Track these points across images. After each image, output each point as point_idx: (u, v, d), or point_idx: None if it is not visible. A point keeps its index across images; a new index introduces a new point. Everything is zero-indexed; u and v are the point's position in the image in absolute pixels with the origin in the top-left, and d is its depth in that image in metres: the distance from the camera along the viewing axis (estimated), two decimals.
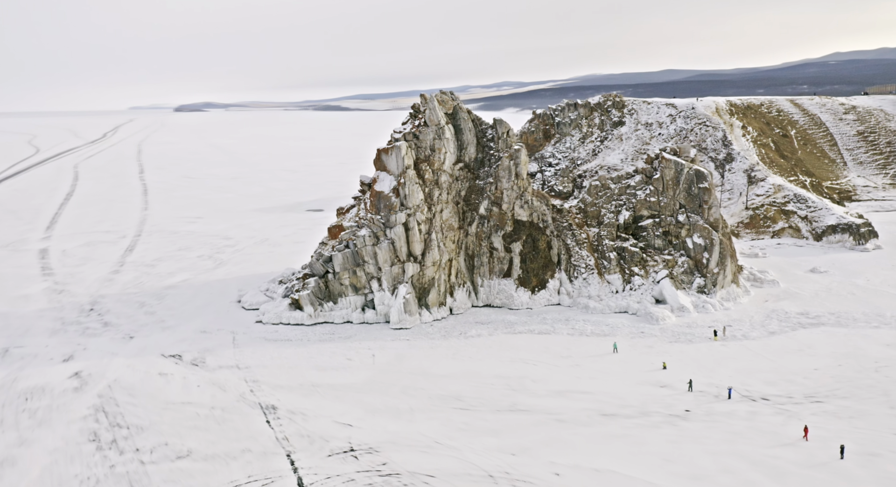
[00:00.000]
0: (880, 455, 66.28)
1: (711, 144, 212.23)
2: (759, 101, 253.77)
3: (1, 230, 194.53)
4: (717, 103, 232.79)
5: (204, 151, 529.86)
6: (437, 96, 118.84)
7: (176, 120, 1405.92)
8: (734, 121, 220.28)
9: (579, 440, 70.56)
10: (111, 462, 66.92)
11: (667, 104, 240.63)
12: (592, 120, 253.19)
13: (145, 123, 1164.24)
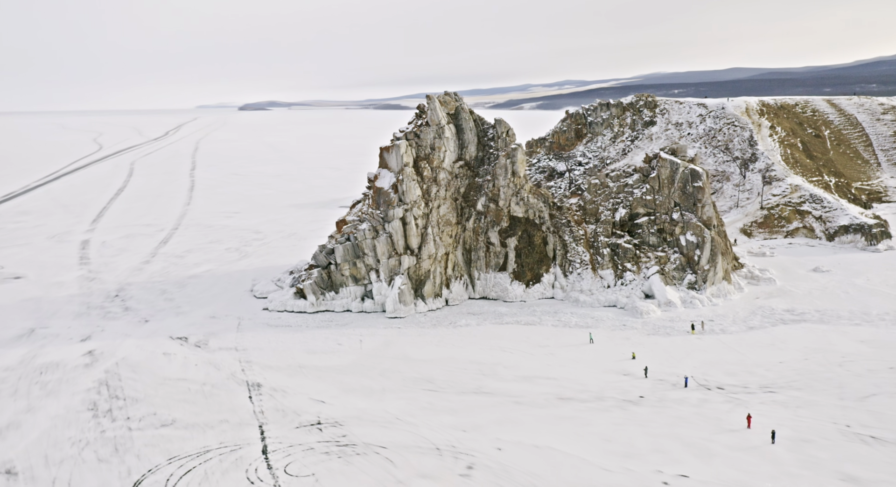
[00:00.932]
0: (812, 442, 69.58)
1: (738, 144, 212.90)
2: (794, 101, 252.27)
3: (50, 223, 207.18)
4: (749, 103, 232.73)
5: (257, 148, 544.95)
6: (440, 97, 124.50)
7: (238, 118, 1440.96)
8: (763, 121, 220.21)
9: (530, 420, 75.50)
10: (103, 428, 74.51)
11: (698, 104, 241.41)
12: (624, 120, 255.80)
13: (208, 122, 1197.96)
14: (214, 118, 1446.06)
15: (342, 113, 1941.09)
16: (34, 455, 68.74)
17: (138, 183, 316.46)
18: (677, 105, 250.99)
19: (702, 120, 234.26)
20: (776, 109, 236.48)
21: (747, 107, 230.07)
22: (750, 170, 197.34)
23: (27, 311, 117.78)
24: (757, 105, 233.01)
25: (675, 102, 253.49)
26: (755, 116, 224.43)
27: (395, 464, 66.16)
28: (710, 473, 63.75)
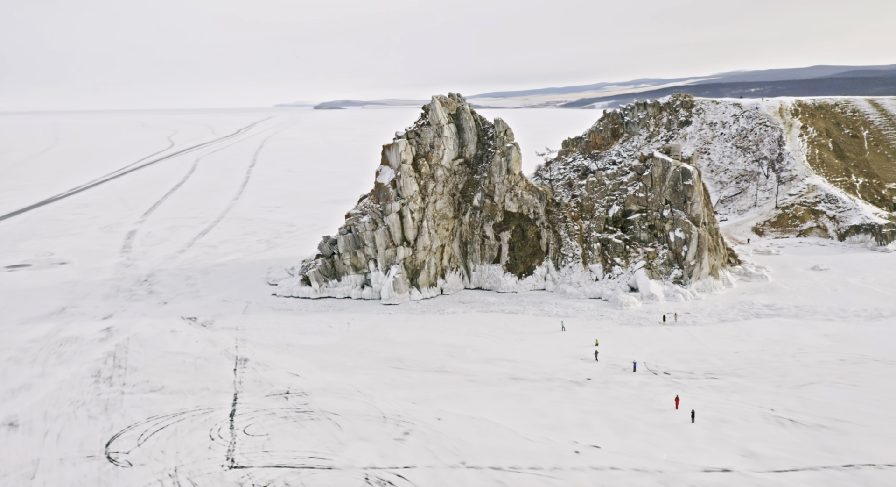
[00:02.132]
0: (729, 422, 74.61)
1: (768, 143, 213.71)
2: (835, 101, 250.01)
3: (105, 215, 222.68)
4: (783, 103, 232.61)
5: (318, 146, 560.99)
6: (441, 98, 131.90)
7: (311, 117, 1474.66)
8: (795, 121, 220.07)
9: (477, 396, 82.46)
10: (100, 391, 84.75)
11: (734, 104, 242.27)
12: (660, 119, 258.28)
13: (280, 121, 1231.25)
14: (288, 117, 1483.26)
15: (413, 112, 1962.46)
16: (36, 411, 79.26)
17: (197, 179, 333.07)
18: (713, 105, 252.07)
19: (735, 120, 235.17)
20: (813, 109, 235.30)
21: (781, 107, 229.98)
22: (775, 170, 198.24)
23: (63, 292, 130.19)
24: (792, 105, 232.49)
25: (712, 101, 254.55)
26: (788, 116, 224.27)
27: (342, 428, 74.15)
28: (621, 445, 69.68)
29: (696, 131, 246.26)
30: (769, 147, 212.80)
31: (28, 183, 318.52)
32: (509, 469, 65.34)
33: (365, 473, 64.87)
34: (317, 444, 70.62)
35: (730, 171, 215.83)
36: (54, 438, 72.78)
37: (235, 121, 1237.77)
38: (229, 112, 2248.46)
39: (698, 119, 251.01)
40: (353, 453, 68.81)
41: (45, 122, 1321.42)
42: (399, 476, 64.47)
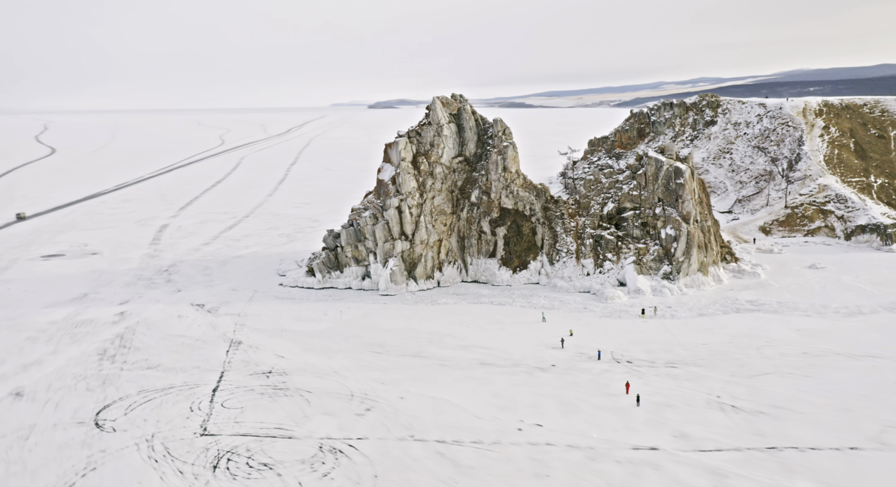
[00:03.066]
0: (673, 407, 78.90)
1: (789, 143, 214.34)
2: (863, 101, 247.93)
3: (143, 209, 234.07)
4: (808, 103, 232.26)
5: (362, 145, 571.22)
6: (442, 99, 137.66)
7: (363, 116, 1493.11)
8: (817, 121, 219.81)
9: (443, 379, 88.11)
10: (101, 368, 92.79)
11: (759, 104, 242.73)
12: (686, 119, 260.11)
13: (332, 120, 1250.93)
14: (341, 116, 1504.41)
15: None
16: (41, 383, 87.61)
17: (237, 176, 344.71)
18: (739, 105, 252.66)
19: (759, 120, 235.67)
20: (839, 109, 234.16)
21: (805, 107, 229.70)
22: (789, 170, 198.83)
23: (89, 280, 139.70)
24: (817, 105, 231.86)
25: (738, 101, 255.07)
26: (811, 116, 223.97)
27: (311, 404, 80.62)
28: (563, 424, 74.64)
29: (720, 131, 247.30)
30: (789, 147, 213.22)
31: (79, 179, 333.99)
32: (452, 443, 70.90)
33: (320, 442, 71.13)
34: (284, 417, 77.15)
35: (750, 171, 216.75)
36: (53, 406, 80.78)
37: (288, 120, 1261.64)
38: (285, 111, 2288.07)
39: (724, 119, 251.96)
40: (315, 425, 75.12)
41: (107, 121, 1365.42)
42: (350, 445, 70.56)
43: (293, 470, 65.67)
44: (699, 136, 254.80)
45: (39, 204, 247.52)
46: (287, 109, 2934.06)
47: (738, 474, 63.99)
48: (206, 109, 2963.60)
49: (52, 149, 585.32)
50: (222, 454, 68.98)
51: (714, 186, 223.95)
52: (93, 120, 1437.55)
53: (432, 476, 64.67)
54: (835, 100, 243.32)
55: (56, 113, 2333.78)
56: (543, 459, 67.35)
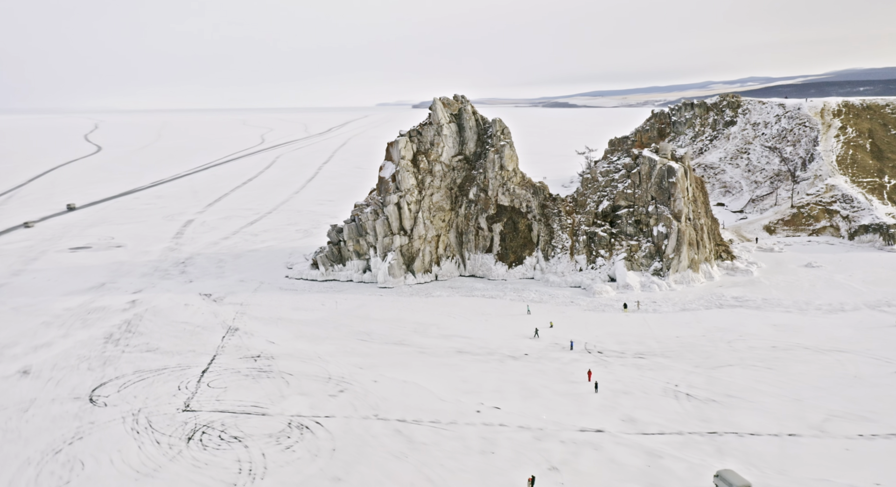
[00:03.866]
0: (629, 394, 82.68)
1: (805, 144, 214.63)
2: (886, 101, 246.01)
3: (173, 205, 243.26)
4: (827, 104, 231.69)
5: None
6: (443, 100, 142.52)
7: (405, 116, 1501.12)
8: (835, 122, 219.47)
9: (419, 365, 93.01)
10: (105, 349, 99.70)
11: (779, 104, 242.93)
12: (707, 119, 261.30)
13: (375, 119, 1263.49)
14: (384, 116, 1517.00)
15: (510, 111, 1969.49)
16: (48, 363, 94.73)
17: (270, 174, 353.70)
18: (759, 105, 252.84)
19: (777, 120, 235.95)
20: (859, 109, 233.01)
21: (824, 107, 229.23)
22: (805, 170, 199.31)
23: (109, 271, 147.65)
24: (836, 106, 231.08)
25: (759, 102, 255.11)
26: (828, 116, 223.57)
27: (289, 385, 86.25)
28: (520, 408, 79.04)
29: (739, 131, 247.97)
30: (805, 147, 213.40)
31: (118, 176, 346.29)
32: (412, 422, 75.82)
33: (290, 419, 76.64)
34: (262, 396, 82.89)
35: (766, 171, 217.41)
36: (54, 384, 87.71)
37: (331, 120, 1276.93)
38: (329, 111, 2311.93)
39: (743, 119, 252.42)
40: (289, 404, 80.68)
41: (155, 120, 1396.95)
42: (317, 422, 75.94)
43: (259, 443, 71.23)
44: (718, 136, 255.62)
45: (76, 200, 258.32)
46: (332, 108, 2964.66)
47: (672, 455, 67.75)
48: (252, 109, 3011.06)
49: (98, 147, 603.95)
50: (199, 427, 74.84)
51: (730, 185, 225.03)
52: (141, 119, 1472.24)
53: (386, 450, 69.65)
54: (856, 100, 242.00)
55: (108, 112, 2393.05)
56: (493, 438, 71.86)
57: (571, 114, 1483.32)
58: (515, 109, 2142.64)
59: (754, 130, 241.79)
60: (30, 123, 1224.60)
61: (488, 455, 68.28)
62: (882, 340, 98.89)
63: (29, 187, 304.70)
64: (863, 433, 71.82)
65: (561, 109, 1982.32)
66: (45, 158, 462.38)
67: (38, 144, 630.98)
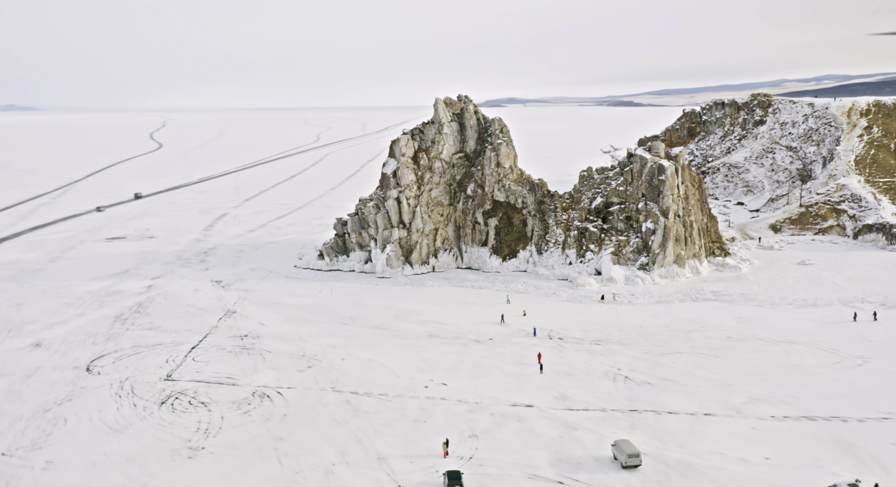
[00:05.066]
0: (571, 375, 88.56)
1: (829, 143, 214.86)
2: None
3: (213, 200, 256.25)
4: (856, 103, 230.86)
5: None
6: (446, 99, 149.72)
7: None
8: (861, 121, 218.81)
9: (388, 346, 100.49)
10: (112, 327, 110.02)
11: (808, 104, 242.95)
12: (736, 118, 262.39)
13: None
14: None
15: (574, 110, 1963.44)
16: (59, 337, 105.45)
17: (313, 171, 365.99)
18: (790, 105, 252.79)
19: (805, 119, 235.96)
20: (890, 109, 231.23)
21: (852, 107, 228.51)
22: (824, 170, 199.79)
23: (135, 259, 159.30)
24: (866, 105, 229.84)
25: (789, 101, 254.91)
26: (855, 116, 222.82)
27: (265, 360, 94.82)
28: (466, 385, 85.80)
29: (767, 131, 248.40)
30: (828, 147, 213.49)
31: (171, 172, 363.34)
32: (363, 394, 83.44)
33: (255, 389, 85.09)
34: (238, 369, 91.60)
35: (788, 170, 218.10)
36: (60, 355, 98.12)
37: (390, 118, 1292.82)
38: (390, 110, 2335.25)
39: (773, 118, 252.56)
40: (259, 377, 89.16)
41: (220, 119, 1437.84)
42: (278, 392, 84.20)
43: (222, 408, 79.83)
44: (747, 135, 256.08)
45: (126, 194, 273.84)
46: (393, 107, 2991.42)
47: (587, 428, 73.79)
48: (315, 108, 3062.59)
49: (160, 144, 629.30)
50: (174, 394, 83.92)
51: (752, 185, 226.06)
52: (208, 118, 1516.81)
53: (331, 417, 77.42)
54: (889, 100, 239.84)
55: (177, 111, 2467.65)
56: (430, 409, 78.95)
57: (633, 113, 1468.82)
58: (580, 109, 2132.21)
59: (782, 130, 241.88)
60: (105, 121, 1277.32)
61: (420, 424, 75.34)
62: (837, 333, 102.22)
63: (88, 180, 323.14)
64: (775, 414, 76.40)
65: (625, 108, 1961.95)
66: (109, 154, 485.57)
67: (106, 141, 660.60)
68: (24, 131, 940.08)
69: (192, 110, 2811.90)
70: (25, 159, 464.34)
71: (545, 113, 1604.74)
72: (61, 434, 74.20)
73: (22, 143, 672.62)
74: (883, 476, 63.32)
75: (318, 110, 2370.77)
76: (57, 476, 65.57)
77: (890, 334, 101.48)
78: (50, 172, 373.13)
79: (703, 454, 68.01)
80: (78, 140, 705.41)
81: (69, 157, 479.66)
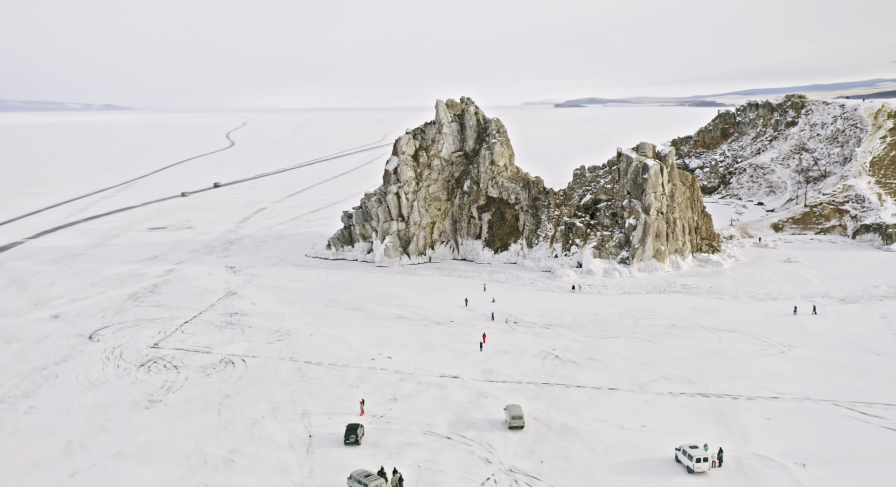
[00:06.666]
0: (507, 354, 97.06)
1: (853, 144, 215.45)
2: None
3: (259, 196, 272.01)
4: (886, 105, 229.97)
5: None
6: (448, 101, 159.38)
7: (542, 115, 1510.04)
8: (888, 123, 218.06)
9: (357, 325, 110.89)
10: (124, 304, 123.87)
11: (840, 105, 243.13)
12: (769, 120, 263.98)
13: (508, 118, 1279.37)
14: (520, 115, 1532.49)
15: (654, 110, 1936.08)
16: (76, 311, 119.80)
17: (364, 170, 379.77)
18: (823, 106, 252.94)
19: (834, 121, 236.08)
20: None
21: (881, 108, 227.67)
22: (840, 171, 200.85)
23: (167, 247, 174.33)
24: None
25: (823, 103, 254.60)
26: (882, 118, 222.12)
27: (243, 334, 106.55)
28: (408, 359, 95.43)
29: (797, 132, 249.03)
30: (852, 148, 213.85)
31: (230, 169, 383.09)
32: (315, 363, 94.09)
33: (223, 356, 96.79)
34: (216, 340, 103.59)
35: (811, 171, 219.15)
36: (71, 325, 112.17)
37: None
38: None
39: (805, 120, 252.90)
40: (232, 347, 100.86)
41: (298, 119, 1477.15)
42: (243, 360, 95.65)
43: (189, 371, 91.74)
44: (778, 136, 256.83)
45: (182, 189, 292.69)
46: None
47: (497, 396, 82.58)
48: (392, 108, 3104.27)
49: (232, 142, 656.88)
50: (154, 359, 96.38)
51: (776, 185, 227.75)
52: (287, 117, 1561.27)
53: (279, 381, 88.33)
54: None
55: (260, 111, 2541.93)
56: (366, 377, 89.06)
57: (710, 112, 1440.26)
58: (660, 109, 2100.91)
59: (812, 131, 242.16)
60: (191, 121, 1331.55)
61: (353, 389, 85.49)
62: (779, 324, 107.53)
63: (152, 176, 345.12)
64: (674, 391, 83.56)
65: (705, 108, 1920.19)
66: (180, 152, 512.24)
67: (184, 140, 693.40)
68: (109, 129, 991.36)
69: (275, 110, 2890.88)
70: (101, 156, 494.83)
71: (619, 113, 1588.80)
72: (49, 386, 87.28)
73: (103, 140, 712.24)
74: (741, 443, 70.29)
75: (397, 110, 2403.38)
76: (34, 419, 78.34)
77: (829, 326, 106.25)
78: (120, 168, 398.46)
79: (587, 420, 76.00)
80: (158, 138, 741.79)
81: (143, 154, 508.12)
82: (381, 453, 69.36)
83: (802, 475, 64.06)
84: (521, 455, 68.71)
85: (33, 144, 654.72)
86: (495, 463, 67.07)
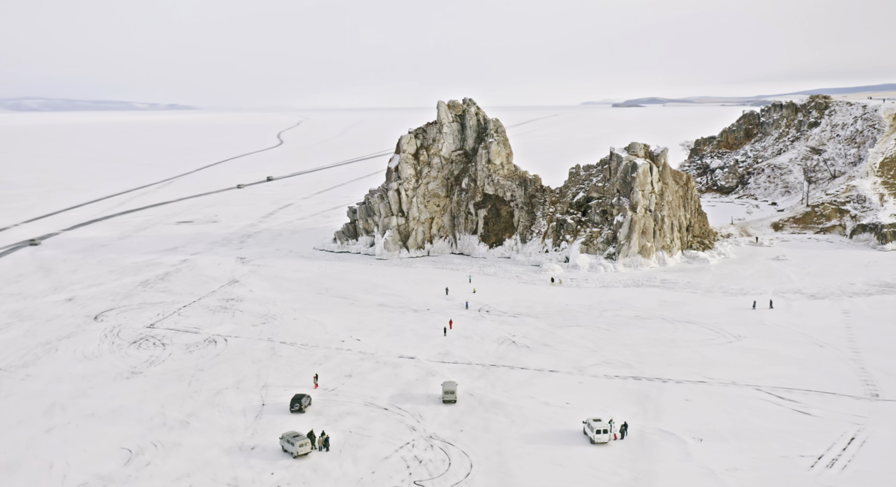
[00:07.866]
0: (469, 338, 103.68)
1: (870, 145, 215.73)
2: None
3: (289, 194, 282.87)
4: None
5: (554, 142, 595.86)
6: (450, 102, 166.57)
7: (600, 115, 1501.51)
8: None
9: (340, 311, 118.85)
10: (133, 290, 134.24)
11: (862, 106, 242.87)
12: (793, 120, 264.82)
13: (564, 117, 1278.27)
14: (576, 114, 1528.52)
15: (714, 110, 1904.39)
16: (89, 295, 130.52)
17: None
18: (846, 107, 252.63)
19: (854, 121, 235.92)
20: None
21: None
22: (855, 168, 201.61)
23: (189, 239, 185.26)
24: None
25: (846, 103, 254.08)
26: None
27: (234, 317, 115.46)
28: (375, 341, 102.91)
29: (819, 132, 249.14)
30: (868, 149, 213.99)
31: (269, 166, 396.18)
32: (289, 344, 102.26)
33: (209, 337, 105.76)
34: (208, 322, 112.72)
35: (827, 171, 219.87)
36: (82, 307, 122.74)
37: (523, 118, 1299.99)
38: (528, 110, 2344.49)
39: (827, 121, 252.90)
40: (219, 328, 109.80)
41: (351, 118, 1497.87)
42: (225, 339, 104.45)
43: (174, 348, 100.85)
44: (800, 137, 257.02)
45: (218, 185, 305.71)
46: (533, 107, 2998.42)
47: (443, 374, 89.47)
48: None
49: (281, 141, 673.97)
50: (146, 337, 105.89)
51: (791, 185, 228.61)
52: (341, 117, 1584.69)
53: (251, 357, 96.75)
54: None
55: (315, 111, 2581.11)
56: (331, 356, 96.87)
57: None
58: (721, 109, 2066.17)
59: (832, 132, 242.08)
60: (248, 120, 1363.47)
61: (315, 366, 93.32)
62: (737, 317, 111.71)
63: (196, 174, 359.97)
64: (609, 374, 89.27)
65: None
66: (228, 151, 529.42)
67: (236, 138, 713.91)
68: (169, 128, 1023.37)
69: (331, 109, 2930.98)
70: (150, 153, 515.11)
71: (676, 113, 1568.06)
72: (48, 359, 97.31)
73: (159, 139, 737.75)
74: (652, 420, 75.95)
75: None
76: (28, 385, 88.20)
77: (787, 320, 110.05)
78: (166, 165, 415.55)
79: (518, 397, 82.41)
80: (210, 137, 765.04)
81: (191, 152, 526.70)
82: (320, 420, 76.89)
83: (696, 448, 69.41)
84: (445, 424, 75.46)
85: (90, 142, 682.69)
86: (419, 431, 74.00)
